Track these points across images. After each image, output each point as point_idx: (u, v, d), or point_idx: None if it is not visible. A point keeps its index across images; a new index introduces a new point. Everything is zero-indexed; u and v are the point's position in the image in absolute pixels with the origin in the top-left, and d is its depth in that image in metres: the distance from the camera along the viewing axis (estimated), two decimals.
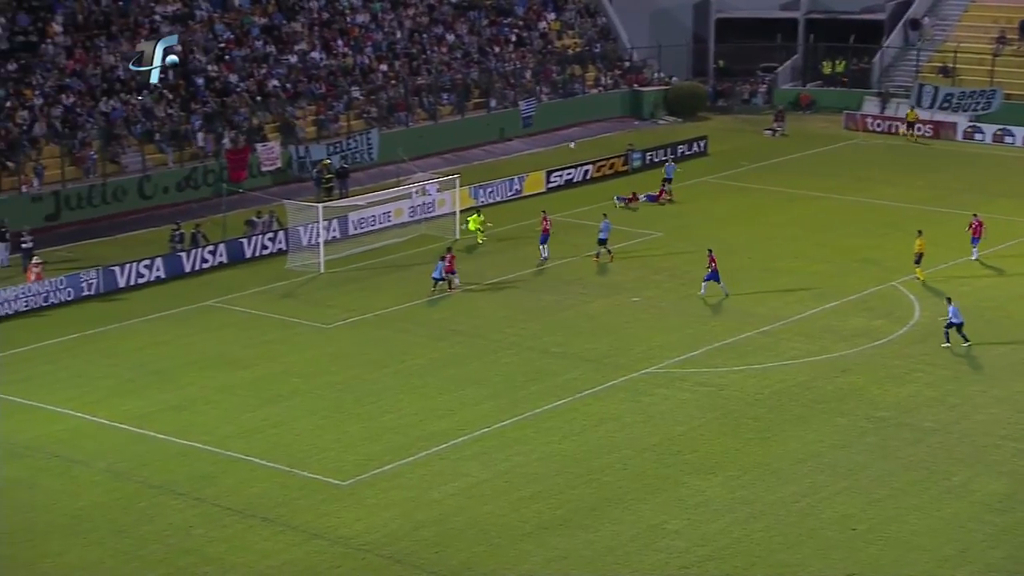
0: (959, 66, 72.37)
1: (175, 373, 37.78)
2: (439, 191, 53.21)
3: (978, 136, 68.75)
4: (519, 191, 57.34)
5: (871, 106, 72.69)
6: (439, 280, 44.08)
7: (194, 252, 47.30)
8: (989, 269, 47.17)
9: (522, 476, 31.35)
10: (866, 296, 44.16)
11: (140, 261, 46.01)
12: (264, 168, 57.73)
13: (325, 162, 57.54)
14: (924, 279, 45.05)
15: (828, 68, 77.75)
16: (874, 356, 38.87)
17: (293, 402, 35.78)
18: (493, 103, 67.96)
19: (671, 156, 61.51)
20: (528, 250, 48.74)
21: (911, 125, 69.47)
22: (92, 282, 44.51)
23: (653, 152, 62.55)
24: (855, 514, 29.46)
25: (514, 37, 72.26)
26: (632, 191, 56.27)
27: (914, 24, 76.19)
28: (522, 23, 73.66)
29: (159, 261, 46.38)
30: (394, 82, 65.16)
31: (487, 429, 33.88)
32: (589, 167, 60.24)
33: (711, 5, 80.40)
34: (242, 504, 29.93)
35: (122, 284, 45.21)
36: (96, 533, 28.76)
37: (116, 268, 45.33)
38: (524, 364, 38.35)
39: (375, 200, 51.98)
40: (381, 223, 52.06)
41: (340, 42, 65.66)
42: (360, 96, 63.56)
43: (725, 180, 60.78)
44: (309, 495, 30.40)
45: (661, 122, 73.14)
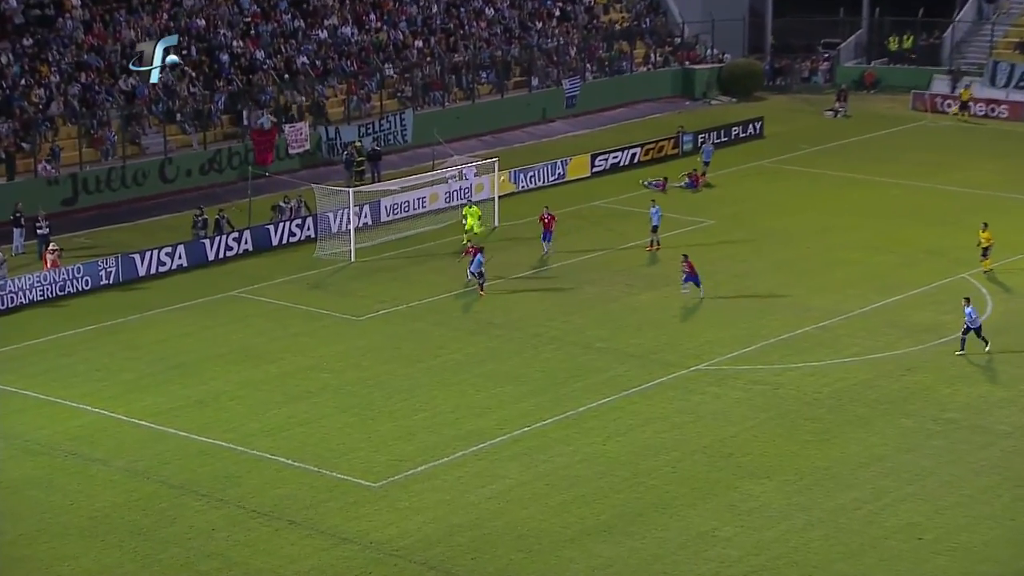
0: None
1: (197, 367, 38.00)
2: (477, 175, 53.27)
3: None
4: (562, 175, 57.29)
5: (941, 85, 72.09)
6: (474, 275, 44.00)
7: (218, 239, 47.52)
8: None
9: (563, 479, 31.35)
10: (933, 289, 43.87)
11: (161, 248, 46.28)
12: (292, 150, 57.94)
13: (356, 144, 57.66)
14: (990, 268, 44.64)
15: (894, 44, 77.14)
16: (942, 353, 38.61)
17: (321, 398, 35.92)
18: (535, 82, 67.89)
19: (711, 139, 61.32)
20: (568, 240, 48.67)
21: (964, 105, 68.84)
22: (111, 270, 44.81)
23: (704, 135, 62.37)
24: (921, 522, 29.30)
25: (557, 11, 72.14)
26: (664, 176, 56.13)
27: None
28: None
29: (181, 248, 46.63)
30: (430, 59, 65.22)
31: (526, 429, 33.90)
32: (637, 150, 60.09)
33: None
34: (267, 506, 30.07)
35: (142, 272, 45.48)
36: (114, 535, 28.97)
37: (136, 256, 45.61)
38: (566, 360, 38.33)
39: (409, 185, 52.12)
40: (415, 209, 52.16)
41: (373, 16, 65.76)
42: (394, 74, 63.64)
43: (782, 164, 60.54)
44: (338, 497, 30.51)
45: (714, 103, 72.87)
